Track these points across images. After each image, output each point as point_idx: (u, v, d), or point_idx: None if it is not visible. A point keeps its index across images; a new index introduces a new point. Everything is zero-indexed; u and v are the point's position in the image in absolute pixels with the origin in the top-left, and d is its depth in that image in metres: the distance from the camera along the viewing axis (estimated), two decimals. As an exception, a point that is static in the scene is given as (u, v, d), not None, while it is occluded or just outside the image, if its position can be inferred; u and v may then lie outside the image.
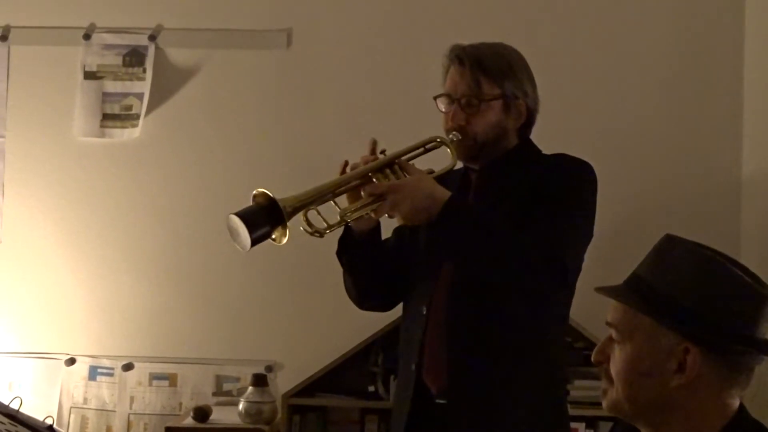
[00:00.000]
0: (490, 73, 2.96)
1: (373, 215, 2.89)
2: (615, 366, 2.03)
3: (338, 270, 4.70)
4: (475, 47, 3.02)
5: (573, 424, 4.40)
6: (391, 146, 2.97)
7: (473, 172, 3.08)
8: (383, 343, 4.62)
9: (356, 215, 2.88)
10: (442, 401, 2.95)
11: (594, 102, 4.78)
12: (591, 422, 4.46)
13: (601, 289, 2.11)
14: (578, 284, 2.92)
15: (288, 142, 4.91)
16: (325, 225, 2.83)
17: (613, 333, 2.05)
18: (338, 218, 2.87)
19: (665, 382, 2.01)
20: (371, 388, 4.65)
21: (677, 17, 4.85)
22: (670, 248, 2.09)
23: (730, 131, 4.79)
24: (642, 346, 2.01)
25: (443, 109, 3.03)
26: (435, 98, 3.05)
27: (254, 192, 2.74)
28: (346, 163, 2.94)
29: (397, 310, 4.03)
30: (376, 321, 4.47)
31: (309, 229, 2.80)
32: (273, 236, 2.75)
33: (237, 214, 2.71)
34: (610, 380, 2.05)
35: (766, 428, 2.09)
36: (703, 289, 2.01)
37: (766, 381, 2.15)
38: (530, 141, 3.09)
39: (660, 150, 4.81)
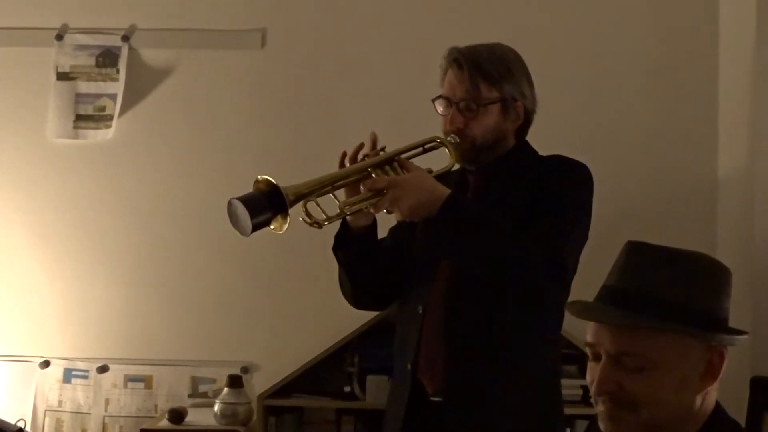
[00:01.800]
0: (488, 77, 2.98)
1: (372, 210, 2.90)
2: (641, 391, 1.96)
3: (314, 271, 4.74)
4: (474, 50, 3.02)
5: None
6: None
7: (471, 173, 3.10)
8: (359, 343, 4.62)
9: (355, 208, 2.88)
10: (437, 399, 2.96)
11: (569, 103, 4.78)
12: (568, 421, 4.46)
13: (602, 320, 2.03)
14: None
15: (263, 142, 4.89)
16: (324, 216, 2.83)
17: (628, 360, 1.97)
18: (338, 210, 2.87)
19: (696, 392, 1.98)
20: (347, 389, 4.64)
21: (652, 19, 4.86)
22: (644, 254, 2.05)
23: (706, 132, 4.80)
24: (674, 365, 1.96)
25: (441, 112, 3.05)
26: (433, 100, 3.06)
27: (257, 178, 2.74)
28: (345, 154, 2.96)
29: (364, 313, 4.07)
30: (352, 321, 4.48)
31: (308, 220, 2.81)
32: (272, 225, 2.75)
33: (239, 199, 2.71)
34: (628, 406, 1.98)
35: (741, 426, 2.09)
36: (711, 288, 2.02)
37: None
38: (527, 142, 3.11)
39: (636, 150, 4.82)
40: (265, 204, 2.72)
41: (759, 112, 4.34)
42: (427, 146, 3.04)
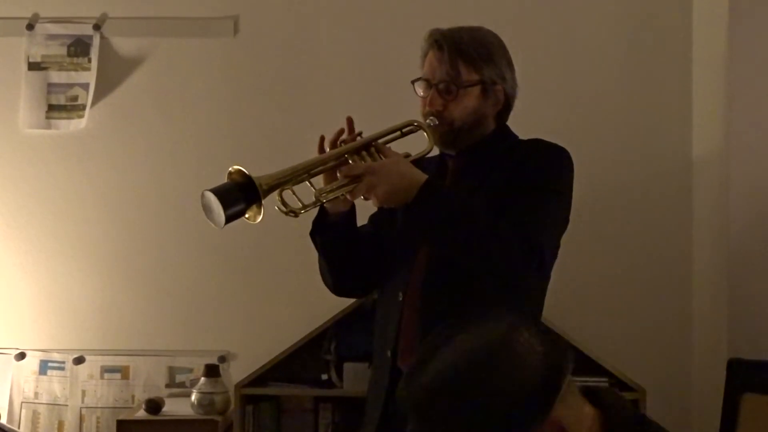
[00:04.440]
0: (469, 59, 2.96)
1: (348, 197, 2.88)
2: None
3: (290, 260, 4.74)
4: (455, 32, 3.00)
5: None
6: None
7: (450, 158, 3.08)
8: (335, 331, 4.61)
9: (332, 196, 2.87)
10: None
11: (543, 85, 4.77)
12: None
13: None
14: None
15: (236, 131, 4.88)
16: (300, 205, 2.82)
17: None
18: (313, 198, 2.85)
19: None
20: (324, 377, 4.64)
21: (626, 2, 4.85)
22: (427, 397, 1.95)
23: (680, 113, 4.80)
24: None
25: (421, 94, 3.02)
26: (413, 82, 3.04)
27: (230, 169, 2.73)
28: (323, 139, 2.94)
29: (340, 301, 4.06)
30: (328, 309, 4.47)
31: (284, 209, 2.79)
32: (247, 215, 2.73)
33: (212, 191, 2.70)
34: None
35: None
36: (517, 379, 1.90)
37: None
38: (507, 127, 3.10)
39: (610, 133, 4.82)
40: (238, 195, 2.71)
41: (733, 94, 4.35)
42: (404, 130, 3.03)
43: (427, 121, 2.99)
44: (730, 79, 4.37)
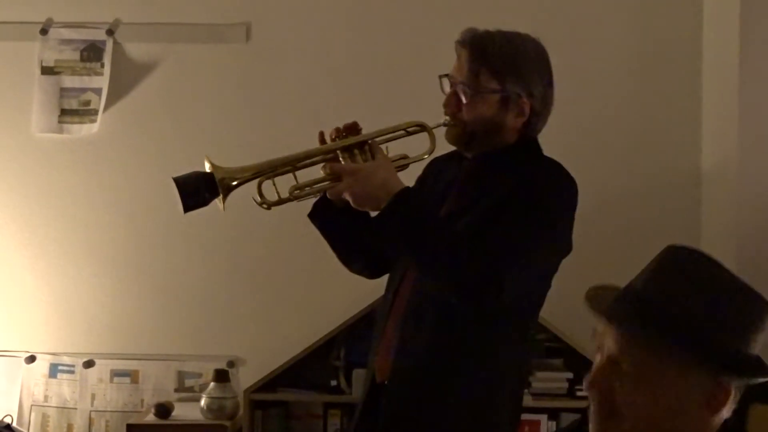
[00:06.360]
0: (490, 66, 2.85)
1: (328, 195, 2.87)
2: (630, 404, 1.85)
3: (300, 266, 4.76)
4: (488, 35, 2.90)
5: (535, 416, 4.44)
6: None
7: (466, 160, 2.99)
8: (345, 337, 4.62)
9: (306, 192, 2.86)
10: (383, 382, 2.89)
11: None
12: (553, 414, 4.48)
13: (611, 319, 1.92)
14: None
15: (247, 137, 4.88)
16: (276, 198, 2.84)
17: (626, 367, 1.85)
18: (287, 194, 2.85)
19: (692, 422, 1.87)
20: (333, 383, 4.65)
21: (636, 12, 4.86)
22: (684, 268, 1.95)
23: (690, 125, 4.80)
24: (670, 388, 1.84)
25: (446, 90, 2.93)
26: (440, 77, 2.94)
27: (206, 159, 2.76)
28: (322, 134, 2.93)
29: (350, 307, 4.05)
30: (338, 316, 4.50)
31: (258, 200, 2.83)
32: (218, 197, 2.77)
33: (176, 180, 2.73)
34: (613, 415, 1.88)
35: None
36: (742, 323, 1.88)
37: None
38: (531, 141, 2.96)
39: (619, 144, 4.83)
40: (199, 187, 2.75)
41: (743, 105, 4.35)
42: (410, 130, 2.95)
43: (443, 120, 2.90)
44: (740, 89, 4.37)
